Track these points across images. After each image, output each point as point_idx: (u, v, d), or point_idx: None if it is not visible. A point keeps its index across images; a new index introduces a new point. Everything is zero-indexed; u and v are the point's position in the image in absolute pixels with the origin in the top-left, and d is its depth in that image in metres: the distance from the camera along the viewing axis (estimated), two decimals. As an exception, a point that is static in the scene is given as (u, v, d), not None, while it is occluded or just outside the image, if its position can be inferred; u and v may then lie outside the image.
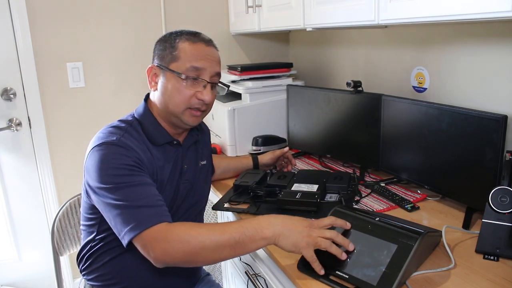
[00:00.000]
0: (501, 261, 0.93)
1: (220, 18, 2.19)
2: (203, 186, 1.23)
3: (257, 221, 0.91)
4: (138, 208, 0.93)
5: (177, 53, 1.05)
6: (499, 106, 1.18)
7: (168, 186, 1.09)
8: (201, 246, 0.89)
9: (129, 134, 1.03)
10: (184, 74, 1.04)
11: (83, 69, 1.99)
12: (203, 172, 1.23)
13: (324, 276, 0.88)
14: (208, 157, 1.28)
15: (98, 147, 0.99)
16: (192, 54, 1.05)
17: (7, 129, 1.90)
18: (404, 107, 1.31)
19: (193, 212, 1.19)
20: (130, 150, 0.99)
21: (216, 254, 0.90)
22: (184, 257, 0.90)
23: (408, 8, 1.01)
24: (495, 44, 1.18)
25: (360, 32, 1.74)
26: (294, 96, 1.74)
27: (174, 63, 1.05)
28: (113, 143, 0.99)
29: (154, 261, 0.91)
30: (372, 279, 0.82)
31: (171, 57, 1.05)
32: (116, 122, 1.08)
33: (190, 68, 1.04)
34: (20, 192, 1.99)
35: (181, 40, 1.06)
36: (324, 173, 1.44)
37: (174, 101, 1.06)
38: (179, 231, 0.91)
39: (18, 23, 1.83)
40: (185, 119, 1.08)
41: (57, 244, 1.35)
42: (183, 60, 1.04)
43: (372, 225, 0.94)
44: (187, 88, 1.05)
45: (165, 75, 1.06)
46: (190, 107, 1.07)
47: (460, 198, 1.18)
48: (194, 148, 1.20)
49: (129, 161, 0.97)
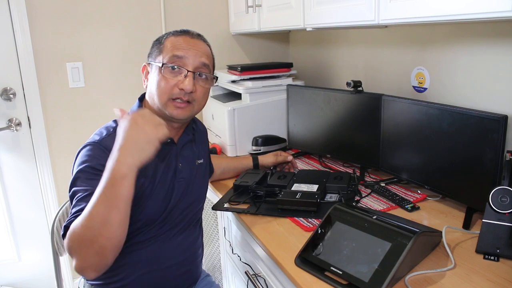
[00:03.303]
0: (502, 261, 0.93)
1: (220, 18, 2.19)
2: (200, 185, 1.22)
3: (108, 171, 0.85)
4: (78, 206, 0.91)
5: (162, 46, 1.08)
6: (499, 106, 1.18)
7: (159, 186, 1.08)
8: (84, 227, 0.83)
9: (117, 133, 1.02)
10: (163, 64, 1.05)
11: (83, 69, 1.98)
12: (200, 171, 1.22)
13: (319, 271, 0.91)
14: (206, 156, 1.28)
15: (81, 148, 1.03)
16: (174, 45, 1.07)
17: (6, 129, 1.90)
18: (404, 107, 1.31)
19: (190, 211, 1.19)
20: (106, 152, 0.94)
21: (103, 223, 0.83)
22: (79, 245, 0.85)
23: (408, 8, 1.01)
24: (495, 44, 1.18)
25: (360, 32, 1.74)
26: (294, 96, 1.74)
27: (159, 56, 1.07)
28: (92, 144, 1.01)
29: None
30: (364, 276, 0.84)
31: (157, 52, 1.08)
32: (110, 122, 1.09)
33: (171, 57, 1.05)
34: (20, 192, 1.99)
35: (168, 36, 1.10)
36: (324, 173, 1.44)
37: (158, 92, 1.06)
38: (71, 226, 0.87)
39: (18, 23, 1.82)
40: (169, 111, 1.06)
41: (57, 244, 1.35)
42: (166, 52, 1.06)
43: (368, 223, 0.95)
44: (167, 76, 1.05)
45: (151, 69, 1.09)
46: (172, 97, 1.05)
47: (460, 198, 1.18)
48: (189, 146, 1.19)
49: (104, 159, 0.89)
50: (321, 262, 0.92)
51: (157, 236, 1.11)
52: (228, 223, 1.48)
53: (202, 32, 1.15)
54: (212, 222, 1.77)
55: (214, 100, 1.90)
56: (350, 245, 0.92)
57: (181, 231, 1.16)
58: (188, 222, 1.19)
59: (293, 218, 1.19)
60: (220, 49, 2.20)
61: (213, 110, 1.92)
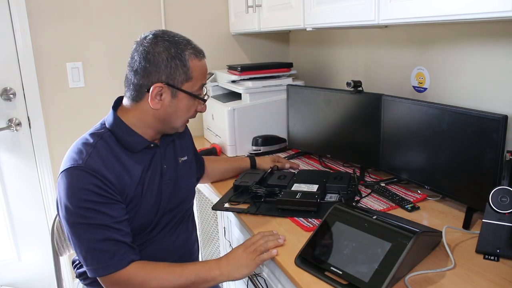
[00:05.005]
0: (502, 261, 0.93)
1: (220, 18, 2.19)
2: (187, 182, 1.21)
3: (209, 266, 1.01)
4: (100, 251, 0.96)
5: (190, 72, 1.03)
6: (499, 106, 1.18)
7: (148, 192, 1.07)
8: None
9: (98, 151, 1.00)
10: (198, 94, 1.07)
11: (82, 69, 1.99)
12: (185, 168, 1.21)
13: (319, 271, 0.91)
14: (189, 152, 1.26)
15: (65, 173, 0.97)
16: (202, 73, 1.06)
17: (6, 129, 1.90)
18: (404, 107, 1.31)
19: (180, 210, 1.18)
20: (94, 175, 0.96)
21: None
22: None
23: (408, 8, 1.01)
24: (495, 44, 1.18)
25: (360, 32, 1.74)
26: (294, 96, 1.74)
27: (188, 83, 1.04)
28: (78, 168, 0.96)
29: None
30: (364, 276, 0.84)
31: (185, 77, 1.03)
32: (87, 136, 1.05)
33: (200, 86, 1.07)
34: (20, 192, 1.99)
35: (190, 58, 1.03)
36: (324, 173, 1.44)
37: (182, 118, 1.08)
38: (141, 276, 0.98)
39: (18, 23, 1.82)
40: (180, 129, 1.12)
41: (57, 244, 1.34)
42: (195, 80, 1.05)
43: (368, 223, 0.95)
44: (196, 105, 1.08)
45: (177, 94, 1.03)
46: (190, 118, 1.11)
47: (460, 198, 1.18)
48: (171, 146, 1.18)
49: (94, 193, 0.95)
50: (321, 262, 0.92)
51: (150, 239, 1.11)
52: (228, 223, 1.48)
53: (202, 32, 1.15)
54: (212, 222, 1.77)
55: (214, 100, 1.90)
56: (350, 245, 0.92)
57: (174, 230, 1.17)
58: (180, 220, 1.19)
59: (293, 218, 1.19)
60: (220, 49, 2.20)
61: (213, 110, 1.92)
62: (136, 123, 1.07)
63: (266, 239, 1.04)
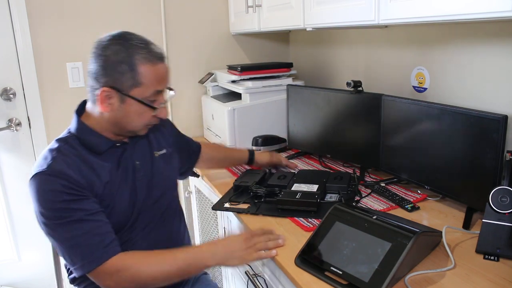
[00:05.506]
0: (502, 261, 0.93)
1: (220, 18, 2.19)
2: (166, 175, 1.19)
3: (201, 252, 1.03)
4: (83, 246, 0.95)
5: (138, 78, 0.98)
6: (499, 106, 1.18)
7: (120, 190, 1.07)
8: (152, 278, 0.98)
9: (62, 154, 1.00)
10: (147, 101, 1.01)
11: (83, 69, 1.98)
12: (163, 162, 1.19)
13: (319, 271, 0.91)
14: (169, 146, 1.24)
15: (32, 180, 0.97)
16: (155, 79, 1.00)
17: (6, 129, 1.90)
18: (404, 107, 1.31)
19: (162, 204, 1.17)
20: (60, 176, 0.96)
21: (166, 282, 1.00)
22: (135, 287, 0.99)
23: (408, 8, 1.01)
24: (495, 44, 1.18)
25: (360, 32, 1.74)
26: (294, 96, 1.74)
27: (137, 88, 0.99)
28: (44, 173, 0.96)
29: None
30: (364, 276, 0.84)
31: (133, 83, 0.98)
32: (52, 143, 1.05)
33: (153, 92, 1.02)
34: (20, 192, 1.99)
35: (140, 62, 0.98)
36: (324, 173, 1.44)
37: (134, 123, 1.05)
38: (130, 265, 0.98)
39: (18, 23, 1.82)
40: (140, 133, 1.09)
41: (57, 244, 1.34)
42: (146, 86, 0.99)
43: (368, 223, 0.95)
44: (149, 111, 1.04)
45: (125, 100, 1.00)
46: (148, 124, 1.08)
47: (460, 198, 1.18)
48: (144, 142, 1.16)
49: (62, 193, 0.95)
50: (321, 262, 0.92)
51: (135, 236, 1.10)
52: (228, 223, 1.48)
53: (202, 32, 1.14)
54: (212, 222, 1.77)
55: (214, 100, 1.90)
56: (350, 245, 0.92)
57: (159, 225, 1.16)
58: (163, 214, 1.17)
59: (293, 218, 1.19)
60: (220, 49, 2.20)
61: (213, 110, 1.92)
62: (96, 125, 1.06)
63: (267, 237, 1.04)
